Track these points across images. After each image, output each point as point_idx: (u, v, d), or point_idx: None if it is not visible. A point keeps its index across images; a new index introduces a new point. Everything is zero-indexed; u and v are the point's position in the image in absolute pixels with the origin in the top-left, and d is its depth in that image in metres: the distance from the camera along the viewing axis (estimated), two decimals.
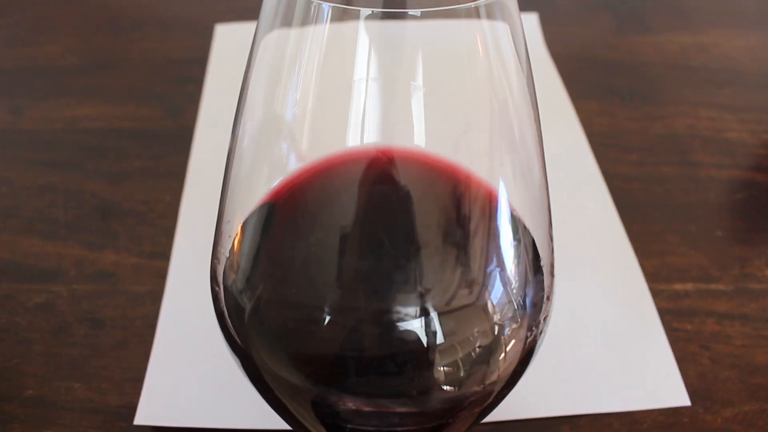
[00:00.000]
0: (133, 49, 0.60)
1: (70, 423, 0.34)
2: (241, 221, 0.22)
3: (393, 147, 0.21)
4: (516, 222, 0.21)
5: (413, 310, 0.20)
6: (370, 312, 0.21)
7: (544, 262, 0.23)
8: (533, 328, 0.22)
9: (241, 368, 0.23)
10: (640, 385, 0.35)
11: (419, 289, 0.21)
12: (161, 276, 0.40)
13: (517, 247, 0.22)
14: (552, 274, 0.23)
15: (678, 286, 0.40)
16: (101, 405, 0.35)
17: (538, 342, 0.23)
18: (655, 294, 0.40)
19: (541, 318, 0.23)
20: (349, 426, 0.22)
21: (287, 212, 0.22)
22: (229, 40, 0.59)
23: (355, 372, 0.21)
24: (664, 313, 0.39)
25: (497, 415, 0.34)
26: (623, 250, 0.42)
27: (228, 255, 0.22)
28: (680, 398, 0.35)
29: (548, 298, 0.23)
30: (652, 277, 0.41)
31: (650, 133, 0.52)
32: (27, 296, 0.40)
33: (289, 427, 0.33)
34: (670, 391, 0.35)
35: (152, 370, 0.35)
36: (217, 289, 0.22)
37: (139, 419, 0.33)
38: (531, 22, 0.61)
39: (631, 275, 0.40)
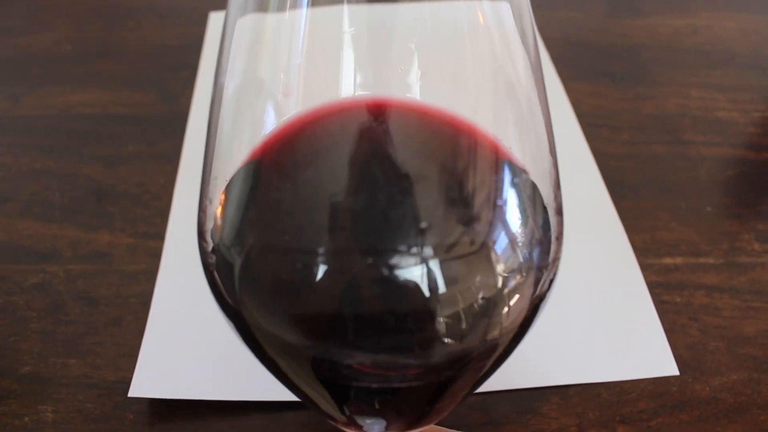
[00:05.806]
0: (128, 37, 0.61)
1: (66, 398, 0.34)
2: (228, 177, 0.21)
3: (385, 98, 0.21)
4: (514, 167, 0.21)
5: (413, 256, 0.19)
6: (366, 261, 0.20)
7: (548, 201, 0.21)
8: (542, 271, 0.21)
9: (234, 329, 0.22)
10: (629, 356, 0.35)
11: (418, 234, 0.19)
12: (155, 255, 0.41)
13: (517, 190, 0.21)
14: (560, 213, 0.22)
15: (668, 260, 0.41)
16: (96, 380, 0.35)
17: (549, 288, 0.22)
18: (645, 268, 0.40)
19: (550, 260, 0.21)
20: (347, 383, 0.21)
21: (276, 164, 0.21)
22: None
23: (353, 323, 0.20)
24: (653, 287, 0.39)
25: (488, 385, 0.34)
26: (613, 226, 0.42)
27: (215, 211, 0.21)
28: (669, 368, 0.35)
29: (557, 239, 0.21)
30: (642, 251, 0.41)
31: (641, 113, 0.52)
32: (23, 276, 0.40)
33: (275, 399, 0.33)
34: (659, 361, 0.35)
35: (146, 344, 0.35)
36: (205, 244, 0.22)
37: (134, 391, 0.33)
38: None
39: (621, 250, 0.41)
